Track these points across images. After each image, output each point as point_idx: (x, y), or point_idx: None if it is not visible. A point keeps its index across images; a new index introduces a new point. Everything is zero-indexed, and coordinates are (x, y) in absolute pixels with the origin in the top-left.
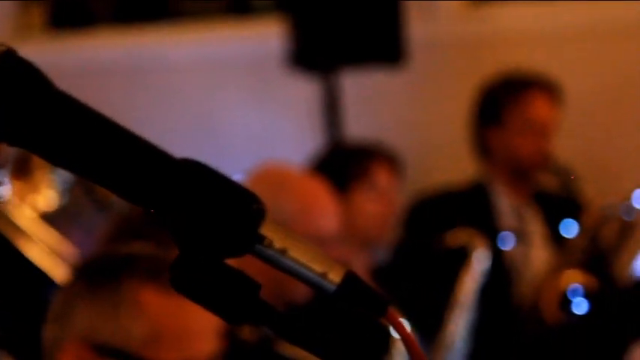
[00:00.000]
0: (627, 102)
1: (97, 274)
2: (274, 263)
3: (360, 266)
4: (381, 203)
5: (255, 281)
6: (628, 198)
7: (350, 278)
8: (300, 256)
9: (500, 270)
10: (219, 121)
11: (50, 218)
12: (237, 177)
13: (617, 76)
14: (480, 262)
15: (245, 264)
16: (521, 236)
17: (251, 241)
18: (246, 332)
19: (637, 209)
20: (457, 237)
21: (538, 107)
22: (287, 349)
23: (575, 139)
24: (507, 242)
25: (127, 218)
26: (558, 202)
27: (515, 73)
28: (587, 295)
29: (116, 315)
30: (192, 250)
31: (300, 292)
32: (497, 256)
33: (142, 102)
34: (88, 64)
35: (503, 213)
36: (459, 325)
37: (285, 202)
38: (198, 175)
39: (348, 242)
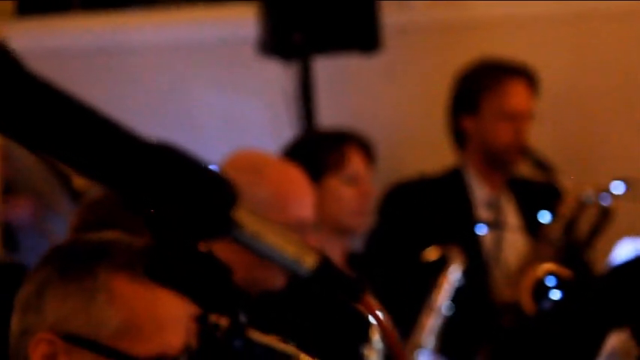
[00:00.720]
0: (603, 89)
1: (69, 262)
2: (249, 247)
3: (337, 253)
4: (355, 190)
5: (226, 265)
6: (605, 189)
7: (324, 263)
8: (275, 240)
9: (476, 258)
10: (191, 107)
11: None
12: (211, 164)
13: (593, 63)
14: (455, 274)
15: (222, 252)
16: (496, 224)
17: (225, 225)
18: (218, 317)
19: (615, 196)
20: (436, 251)
21: (515, 96)
22: (260, 335)
23: (549, 126)
24: (483, 230)
25: (98, 205)
26: (534, 189)
27: (492, 61)
28: (562, 286)
29: (89, 305)
30: (165, 235)
31: (277, 280)
32: (473, 243)
33: (116, 86)
34: (60, 49)
35: (478, 200)
36: (430, 327)
37: (260, 189)
38: (170, 159)
39: (324, 229)
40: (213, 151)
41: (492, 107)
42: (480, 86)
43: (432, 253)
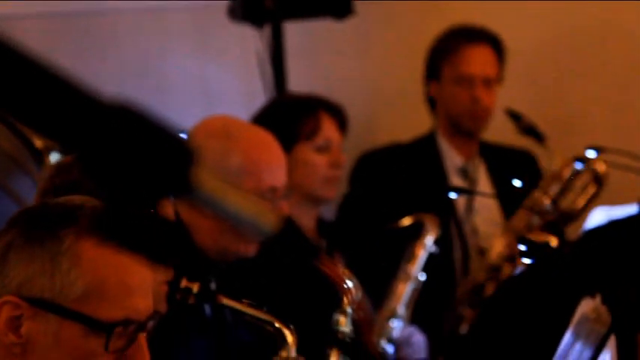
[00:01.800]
0: (579, 55)
1: (35, 225)
2: (208, 208)
3: (308, 221)
4: (327, 157)
5: (184, 226)
6: (580, 156)
7: (284, 225)
8: (234, 201)
9: (448, 226)
10: (163, 72)
11: None
12: (183, 129)
13: (569, 29)
14: (431, 240)
15: (190, 218)
16: (468, 191)
17: (182, 185)
18: (189, 282)
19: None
20: (410, 219)
21: (472, 61)
22: (231, 300)
23: (524, 93)
24: (454, 197)
25: (66, 168)
26: (508, 156)
27: (457, 27)
28: (535, 253)
29: (55, 268)
30: (122, 197)
31: (248, 247)
32: (446, 210)
33: (89, 49)
34: (31, 13)
35: (450, 167)
36: (405, 296)
37: (232, 156)
38: (128, 119)
39: (295, 197)
40: (185, 115)
41: (450, 73)
42: (441, 52)
43: (406, 221)
